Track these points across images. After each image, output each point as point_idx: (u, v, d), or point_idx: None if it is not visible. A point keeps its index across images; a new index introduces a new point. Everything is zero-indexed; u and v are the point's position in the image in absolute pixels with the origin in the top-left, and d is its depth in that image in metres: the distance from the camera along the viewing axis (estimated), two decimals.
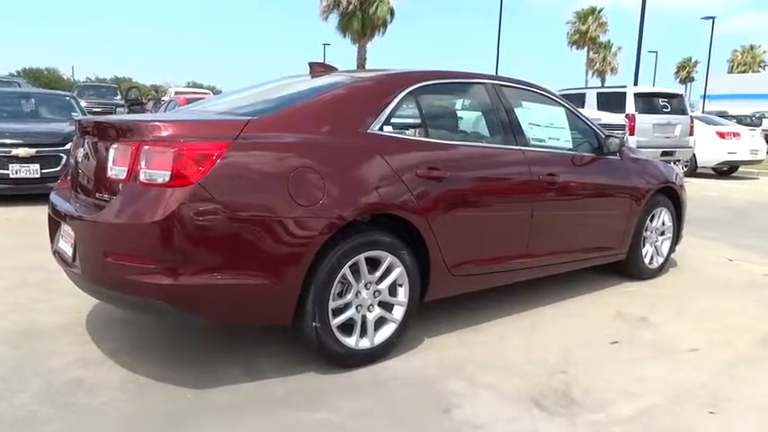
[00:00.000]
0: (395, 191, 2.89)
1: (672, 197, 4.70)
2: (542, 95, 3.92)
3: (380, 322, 2.97)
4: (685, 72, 68.76)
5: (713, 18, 35.91)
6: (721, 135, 12.84)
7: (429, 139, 3.16)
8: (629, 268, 4.51)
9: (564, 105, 4.00)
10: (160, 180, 2.41)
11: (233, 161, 2.47)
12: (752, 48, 62.49)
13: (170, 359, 2.94)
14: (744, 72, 59.86)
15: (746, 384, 2.87)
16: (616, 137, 4.14)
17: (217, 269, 2.46)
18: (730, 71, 60.72)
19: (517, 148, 3.55)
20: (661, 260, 4.73)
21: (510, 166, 3.48)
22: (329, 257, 2.69)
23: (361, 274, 2.84)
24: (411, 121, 3.15)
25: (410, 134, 3.11)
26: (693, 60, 68.36)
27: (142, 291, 2.42)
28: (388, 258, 2.91)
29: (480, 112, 3.57)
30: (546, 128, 3.81)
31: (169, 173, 2.39)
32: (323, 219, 2.63)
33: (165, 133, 2.48)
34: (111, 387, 2.65)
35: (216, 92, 22.47)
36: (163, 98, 23.09)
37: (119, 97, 21.87)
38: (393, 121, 3.03)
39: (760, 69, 59.76)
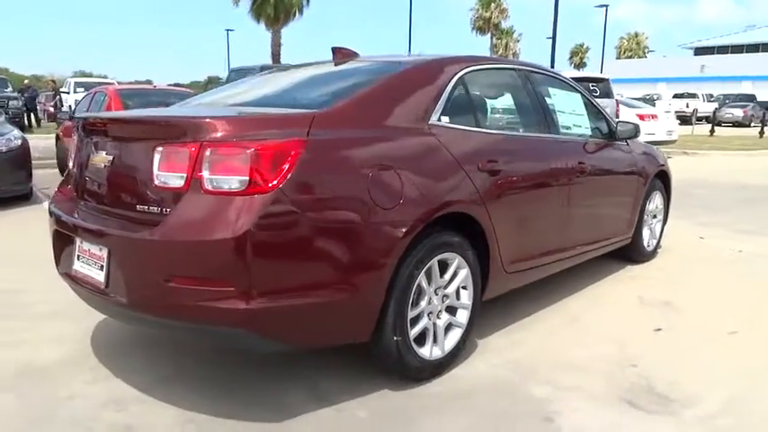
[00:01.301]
0: (463, 187, 2.68)
1: (663, 180, 4.81)
2: (562, 81, 3.83)
3: (447, 329, 2.76)
4: (578, 58, 72.68)
5: (606, 6, 38.00)
6: (641, 117, 13.54)
7: (485, 130, 2.97)
8: (630, 252, 4.56)
9: (579, 91, 3.94)
10: (233, 187, 2.04)
11: (311, 161, 2.15)
12: (636, 35, 67.13)
13: (217, 390, 2.57)
14: (630, 57, 64.26)
15: None
16: (627, 122, 4.14)
17: (301, 287, 2.14)
18: (618, 57, 64.94)
19: (553, 136, 3.45)
20: (654, 242, 4.84)
21: (550, 155, 3.36)
22: (408, 263, 2.44)
23: (432, 279, 2.62)
24: (463, 110, 2.93)
25: (464, 124, 2.89)
26: (585, 47, 72.35)
27: (217, 318, 2.06)
28: (456, 260, 2.70)
29: (519, 100, 3.41)
30: (569, 114, 3.72)
31: (247, 178, 2.02)
32: (404, 221, 2.37)
33: (231, 132, 2.11)
34: (173, 431, 2.26)
35: (108, 82, 20.45)
36: (62, 90, 21.13)
37: (9, 89, 19.73)
38: (449, 110, 2.80)
39: (646, 55, 64.33)
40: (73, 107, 18.98)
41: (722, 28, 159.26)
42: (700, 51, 52.90)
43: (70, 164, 2.76)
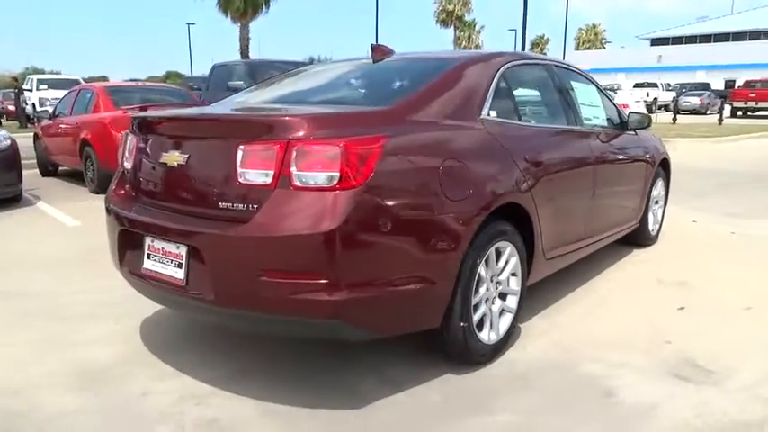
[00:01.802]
0: (515, 178, 2.80)
1: (665, 168, 5.05)
2: (580, 74, 3.99)
3: (500, 314, 2.89)
4: (539, 49, 73.91)
5: None
6: None
7: (527, 123, 3.11)
8: (637, 236, 4.78)
9: (595, 84, 4.12)
10: (324, 183, 2.12)
11: (391, 157, 2.24)
12: (594, 26, 68.55)
13: (288, 382, 2.64)
14: (588, 49, 65.62)
15: None
16: (638, 113, 4.34)
17: (387, 277, 2.24)
18: (577, 48, 66.29)
19: (580, 127, 3.61)
20: (657, 227, 5.07)
21: (580, 145, 3.52)
22: (472, 252, 2.55)
23: (489, 267, 2.74)
24: (506, 104, 3.06)
25: (509, 118, 3.02)
26: (545, 38, 73.52)
27: (311, 310, 2.13)
28: (509, 248, 2.83)
29: (550, 94, 3.56)
30: (589, 106, 3.89)
31: (337, 174, 2.10)
32: (471, 212, 2.49)
33: (318, 129, 2.18)
34: (254, 422, 2.33)
35: (73, 79, 19.62)
36: (25, 87, 20.42)
37: None
38: (495, 105, 2.92)
39: (604, 46, 65.76)
40: (37, 105, 18.47)
41: (674, 19, 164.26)
42: (656, 42, 54.46)
43: (126, 164, 2.77)
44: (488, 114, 2.85)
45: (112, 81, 15.60)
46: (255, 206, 2.18)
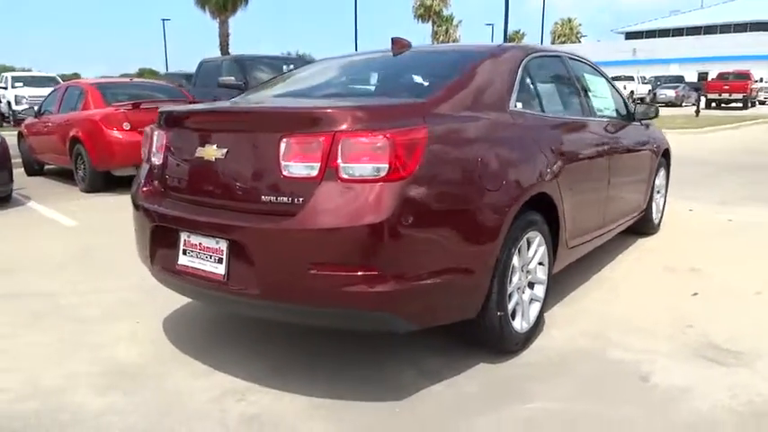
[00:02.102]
0: (544, 168, 2.83)
1: (666, 158, 5.13)
2: (591, 67, 4.04)
3: (530, 303, 2.92)
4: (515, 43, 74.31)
5: None
6: None
7: (550, 115, 3.14)
8: (642, 225, 4.86)
9: (604, 75, 4.17)
10: (372, 174, 2.11)
11: (435, 147, 2.25)
12: (570, 20, 69.26)
13: (327, 377, 2.62)
14: (564, 43, 66.31)
15: None
16: (646, 104, 4.41)
17: (432, 268, 2.25)
18: (553, 42, 66.94)
19: (596, 118, 3.65)
20: (659, 216, 5.16)
21: (596, 136, 3.56)
22: (508, 242, 2.57)
23: (521, 257, 2.76)
24: (530, 96, 3.08)
25: (532, 109, 3.04)
26: (521, 33, 74.13)
27: (361, 302, 2.13)
28: (538, 237, 2.86)
29: (567, 85, 3.59)
30: (600, 98, 3.94)
31: (386, 165, 2.10)
32: (507, 202, 2.51)
33: (364, 120, 2.17)
34: (299, 417, 2.31)
35: (48, 77, 19.11)
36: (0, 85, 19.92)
37: None
38: (520, 97, 2.94)
39: (579, 40, 66.51)
40: (12, 103, 18.02)
41: (646, 13, 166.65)
42: (630, 36, 55.28)
43: (154, 160, 2.73)
44: (515, 106, 2.87)
45: (100, 78, 15.22)
46: (301, 199, 2.16)
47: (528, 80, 3.08)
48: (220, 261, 2.33)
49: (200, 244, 2.41)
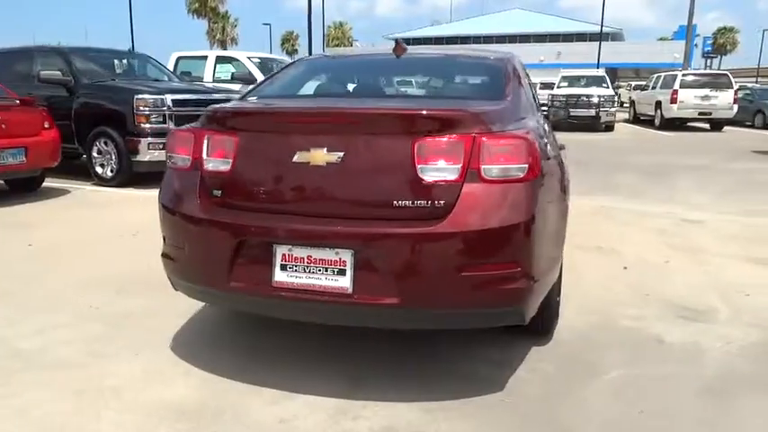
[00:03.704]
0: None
1: None
2: None
3: None
4: (289, 44, 75.36)
5: None
6: None
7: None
8: None
9: None
10: (512, 175, 2.18)
11: (541, 146, 2.40)
12: (341, 24, 72.45)
13: (414, 379, 2.59)
14: (337, 45, 69.24)
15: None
16: None
17: (547, 260, 2.39)
18: (327, 45, 69.39)
19: None
20: None
21: None
22: None
23: None
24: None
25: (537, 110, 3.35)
26: (295, 34, 75.27)
27: (507, 299, 2.20)
28: None
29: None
30: None
31: (526, 166, 2.18)
32: (568, 190, 2.77)
33: (494, 122, 2.23)
34: (427, 420, 2.27)
35: None
36: None
37: None
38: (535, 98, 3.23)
39: (351, 44, 69.96)
40: None
41: (400, 20, 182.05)
42: None
43: (212, 166, 2.38)
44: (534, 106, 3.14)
45: None
46: (442, 202, 2.14)
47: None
48: (342, 273, 2.17)
49: (308, 257, 2.20)
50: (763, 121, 19.43)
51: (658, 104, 19.17)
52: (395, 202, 2.18)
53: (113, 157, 7.30)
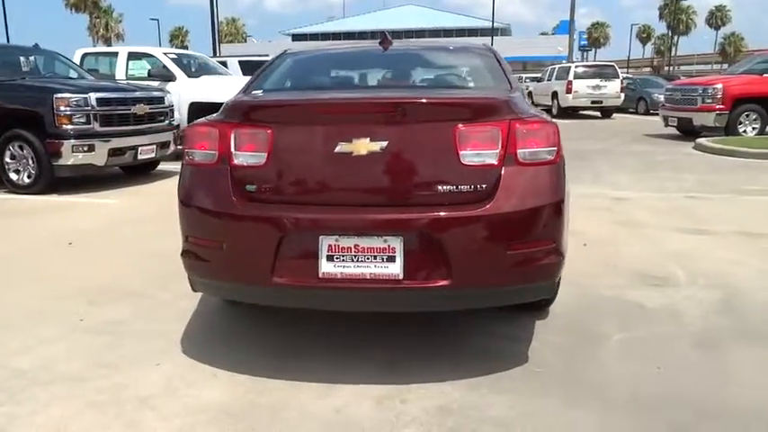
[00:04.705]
0: None
1: None
2: None
3: None
4: (179, 40, 72.32)
5: None
6: None
7: None
8: None
9: None
10: (544, 158, 2.33)
11: (553, 132, 2.55)
12: (234, 20, 70.62)
13: (445, 359, 2.67)
14: (231, 42, 67.37)
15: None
16: None
17: (566, 236, 2.56)
18: (221, 41, 67.25)
19: None
20: None
21: None
22: None
23: None
24: None
25: None
26: (185, 29, 72.40)
27: (545, 274, 2.34)
28: None
29: None
30: None
31: (555, 149, 2.34)
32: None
33: (520, 110, 2.36)
34: (475, 396, 2.37)
35: None
36: None
37: None
38: None
39: (245, 40, 68.36)
40: None
41: (287, 17, 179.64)
42: (297, 38, 59.37)
43: (243, 160, 2.31)
44: None
45: None
46: (484, 185, 2.23)
47: None
48: (391, 259, 2.20)
49: (355, 246, 2.21)
50: (645, 107, 21.27)
51: (555, 95, 20.43)
52: (438, 187, 2.25)
53: (30, 162, 6.72)
